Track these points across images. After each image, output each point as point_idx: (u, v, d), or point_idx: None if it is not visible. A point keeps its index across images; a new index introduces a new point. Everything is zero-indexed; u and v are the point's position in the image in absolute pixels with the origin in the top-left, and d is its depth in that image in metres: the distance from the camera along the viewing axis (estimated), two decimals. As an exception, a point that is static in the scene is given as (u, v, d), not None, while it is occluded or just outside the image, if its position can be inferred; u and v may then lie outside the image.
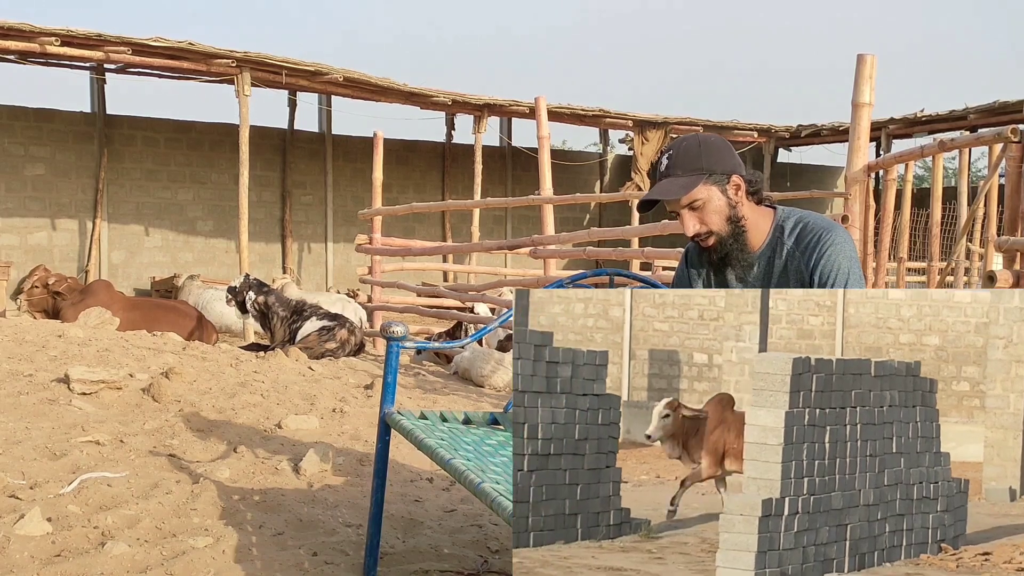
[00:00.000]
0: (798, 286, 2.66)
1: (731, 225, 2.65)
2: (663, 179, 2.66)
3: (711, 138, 2.72)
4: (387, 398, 3.00)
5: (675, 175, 2.63)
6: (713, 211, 2.63)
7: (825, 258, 2.61)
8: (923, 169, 24.69)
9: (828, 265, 2.60)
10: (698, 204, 2.63)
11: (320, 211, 18.79)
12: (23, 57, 13.88)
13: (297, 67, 14.53)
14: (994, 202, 5.57)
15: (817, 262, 2.61)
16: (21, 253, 15.79)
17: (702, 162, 2.62)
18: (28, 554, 2.90)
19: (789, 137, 20.37)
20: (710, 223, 2.64)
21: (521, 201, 10.96)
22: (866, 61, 5.56)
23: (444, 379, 7.58)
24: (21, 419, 4.35)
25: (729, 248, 2.66)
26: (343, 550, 3.15)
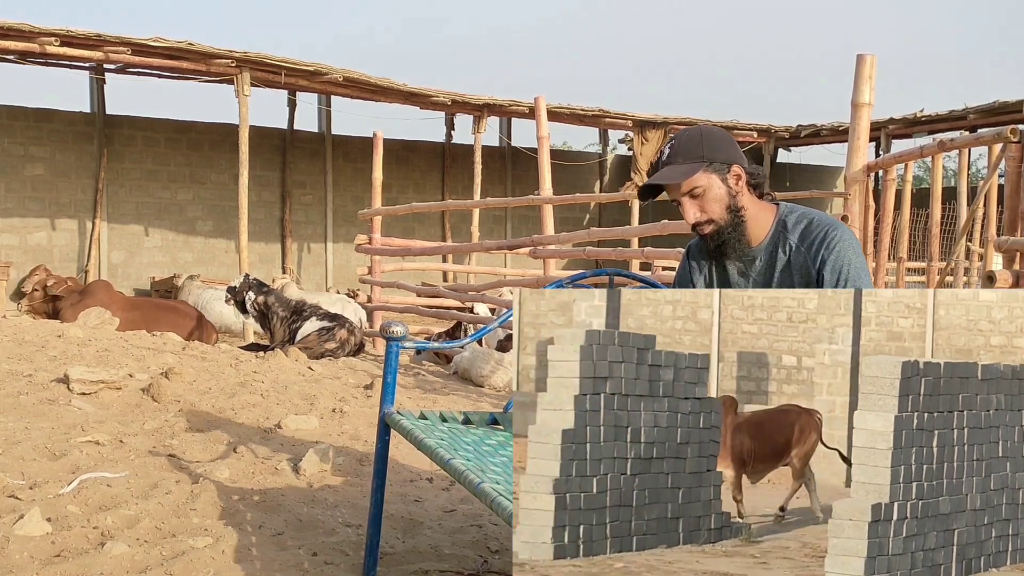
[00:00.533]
0: (802, 282, 2.66)
1: (731, 214, 2.65)
2: (664, 167, 2.67)
3: (712, 129, 2.75)
4: (387, 398, 3.00)
5: (676, 163, 2.65)
6: (713, 199, 2.64)
7: (834, 255, 2.61)
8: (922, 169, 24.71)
9: (839, 262, 2.61)
10: (698, 192, 2.64)
11: (320, 211, 18.79)
12: (23, 57, 13.88)
13: (297, 67, 14.53)
14: (994, 202, 5.57)
15: (826, 259, 2.61)
16: (21, 253, 15.79)
17: (703, 151, 2.64)
18: (28, 554, 2.90)
19: (789, 137, 20.37)
20: (710, 211, 2.65)
21: (521, 201, 10.97)
22: (866, 61, 5.56)
23: (444, 379, 7.58)
24: (21, 419, 4.35)
25: (727, 237, 2.67)
26: (343, 550, 3.15)
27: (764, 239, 2.71)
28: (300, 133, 18.64)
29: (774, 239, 2.70)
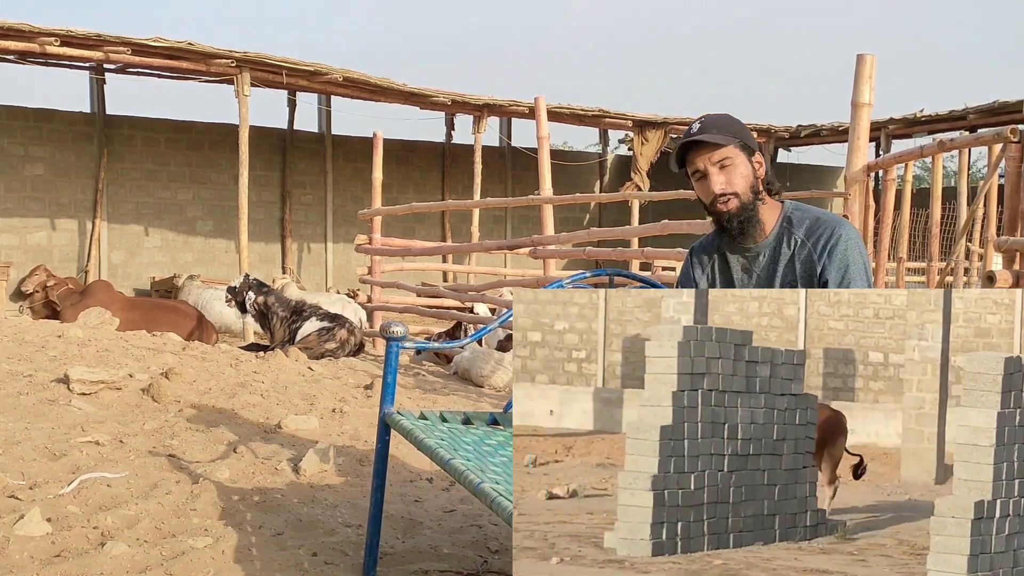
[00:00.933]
0: (805, 277, 2.67)
1: (752, 195, 2.67)
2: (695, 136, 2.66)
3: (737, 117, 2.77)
4: (387, 398, 3.00)
5: (710, 133, 2.65)
6: (740, 176, 2.65)
7: (840, 253, 2.63)
8: (922, 169, 24.71)
9: (844, 259, 2.63)
10: (728, 163, 2.65)
11: (320, 211, 18.79)
12: (23, 57, 13.88)
13: (297, 67, 14.52)
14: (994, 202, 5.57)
15: (831, 256, 2.64)
16: (21, 253, 15.79)
17: (734, 129, 2.67)
18: (28, 554, 2.90)
19: (789, 137, 20.37)
20: (736, 185, 2.65)
21: (521, 201, 10.96)
22: (866, 61, 5.56)
23: (444, 379, 7.58)
24: (21, 419, 4.35)
25: (748, 216, 2.67)
26: (343, 550, 3.16)
27: (770, 235, 2.72)
28: (300, 133, 18.63)
29: (779, 235, 2.71)
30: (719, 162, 2.64)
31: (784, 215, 2.73)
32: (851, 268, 2.63)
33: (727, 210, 2.66)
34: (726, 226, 2.70)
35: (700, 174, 2.67)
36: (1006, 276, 3.98)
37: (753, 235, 2.70)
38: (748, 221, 2.67)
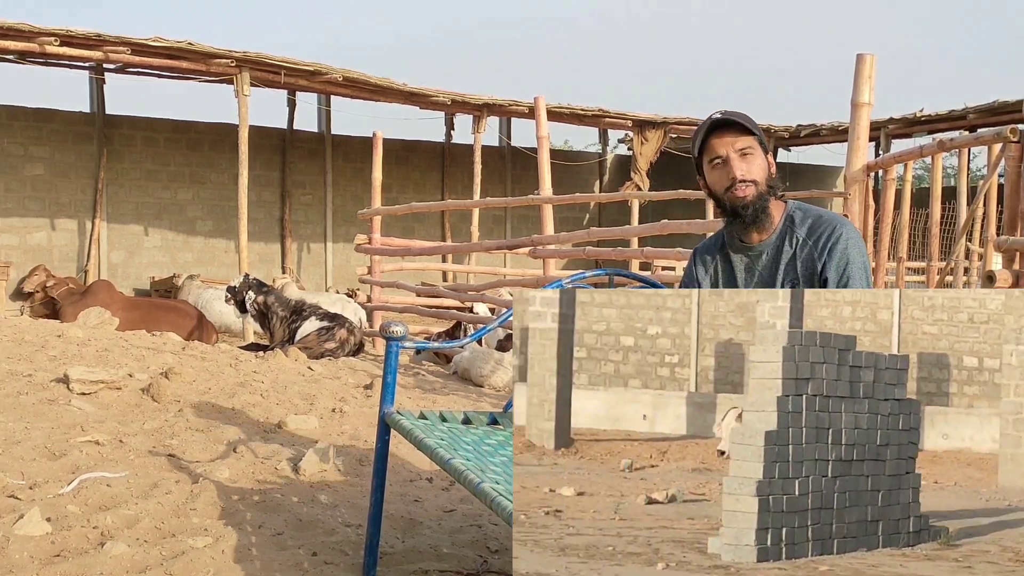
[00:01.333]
0: (806, 275, 2.69)
1: (767, 188, 2.71)
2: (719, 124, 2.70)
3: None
4: (387, 398, 3.00)
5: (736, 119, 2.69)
6: (759, 166, 2.70)
7: (839, 251, 2.66)
8: (922, 169, 24.71)
9: (843, 258, 2.66)
10: (749, 152, 2.69)
11: (320, 211, 18.79)
12: (22, 57, 13.88)
13: (296, 67, 14.52)
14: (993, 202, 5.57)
15: (831, 254, 2.66)
16: (20, 253, 15.79)
17: (752, 125, 2.72)
18: (28, 554, 2.90)
19: (789, 137, 20.37)
20: (755, 173, 2.69)
21: (521, 201, 10.96)
22: (865, 61, 5.56)
23: (444, 379, 7.58)
24: (21, 419, 4.35)
25: (761, 206, 2.70)
26: (343, 550, 3.15)
27: (773, 234, 2.75)
28: (300, 133, 18.63)
29: (782, 234, 2.74)
30: (741, 149, 2.68)
31: (787, 214, 2.76)
32: (850, 266, 2.66)
33: (744, 196, 2.68)
34: (740, 213, 2.71)
35: (720, 160, 2.70)
36: (1006, 276, 3.99)
37: (763, 227, 2.73)
38: (762, 211, 2.70)
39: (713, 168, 2.71)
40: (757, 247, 2.75)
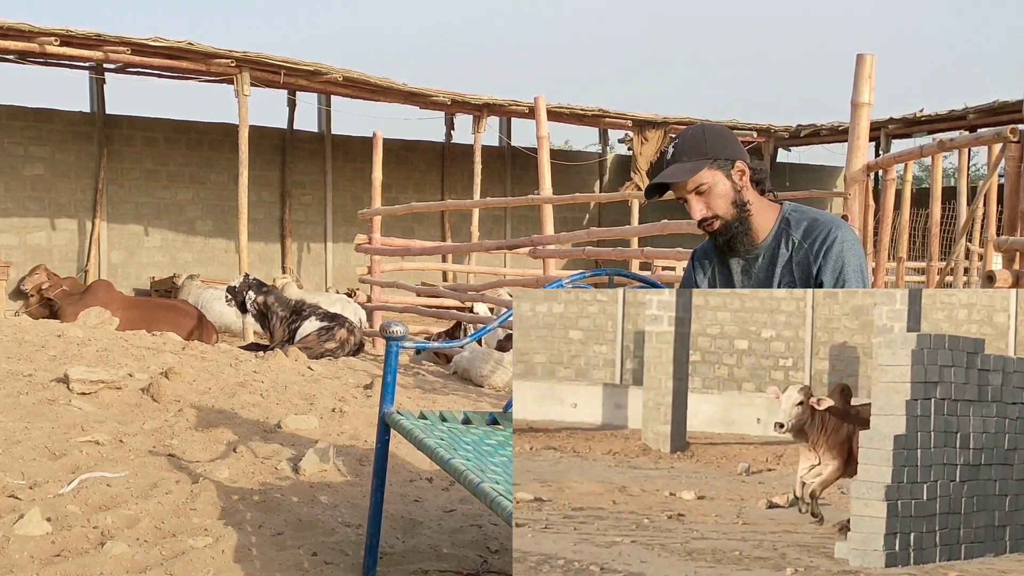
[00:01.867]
0: (802, 278, 2.69)
1: (736, 209, 2.69)
2: (669, 166, 2.70)
3: (715, 126, 2.78)
4: (386, 398, 3.00)
5: (681, 161, 2.68)
6: (718, 195, 2.67)
7: (835, 254, 2.65)
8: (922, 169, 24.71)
9: (839, 260, 2.65)
10: (704, 188, 2.67)
11: (319, 211, 18.79)
12: (22, 57, 13.88)
13: (296, 67, 14.53)
14: (993, 202, 5.57)
15: (827, 257, 2.65)
16: (20, 253, 15.79)
17: (707, 148, 2.67)
18: (28, 554, 2.90)
19: (788, 137, 20.37)
20: (716, 207, 2.68)
21: (521, 201, 10.96)
22: (866, 61, 5.56)
23: (443, 379, 7.58)
24: (21, 419, 4.35)
25: (735, 231, 2.69)
26: (342, 550, 3.15)
27: (768, 237, 2.74)
28: (300, 133, 18.63)
29: (777, 236, 2.73)
30: (694, 189, 2.67)
31: (782, 216, 2.74)
32: (846, 269, 2.65)
33: (712, 230, 2.71)
34: (717, 241, 2.75)
35: (682, 200, 2.72)
36: (1006, 276, 3.99)
37: (745, 243, 2.72)
38: (735, 236, 2.70)
39: (683, 204, 2.73)
40: (753, 250, 2.75)
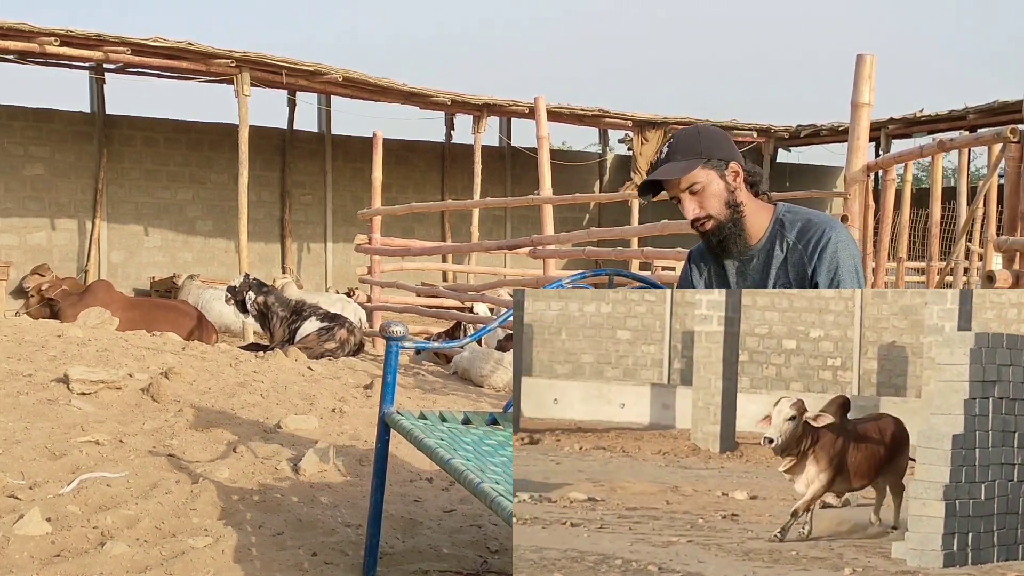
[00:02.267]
0: (797, 279, 2.69)
1: (729, 210, 2.69)
2: (663, 165, 2.71)
3: (710, 128, 2.79)
4: (386, 398, 3.00)
5: (675, 160, 2.68)
6: (712, 195, 2.67)
7: (829, 255, 2.65)
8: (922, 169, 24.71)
9: (833, 261, 2.65)
10: (697, 188, 2.67)
11: (319, 211, 18.79)
12: (22, 57, 13.88)
13: (296, 67, 14.53)
14: (993, 202, 5.58)
15: (821, 258, 2.65)
16: (20, 253, 15.79)
17: (701, 148, 2.68)
18: (27, 554, 2.90)
19: (788, 137, 20.38)
20: (709, 207, 2.68)
21: (520, 201, 10.97)
22: (865, 61, 5.56)
23: (443, 379, 7.58)
24: (21, 419, 4.35)
25: (728, 232, 2.69)
26: (342, 550, 3.16)
27: (762, 238, 2.74)
28: (300, 133, 18.64)
29: (772, 237, 2.73)
30: (688, 188, 2.67)
31: (776, 218, 2.74)
32: (840, 269, 2.65)
33: (704, 230, 2.71)
34: (709, 242, 2.75)
35: (676, 199, 2.72)
36: (1006, 276, 3.99)
37: (738, 245, 2.72)
38: (728, 237, 2.70)
39: (677, 204, 2.73)
40: (748, 252, 2.75)
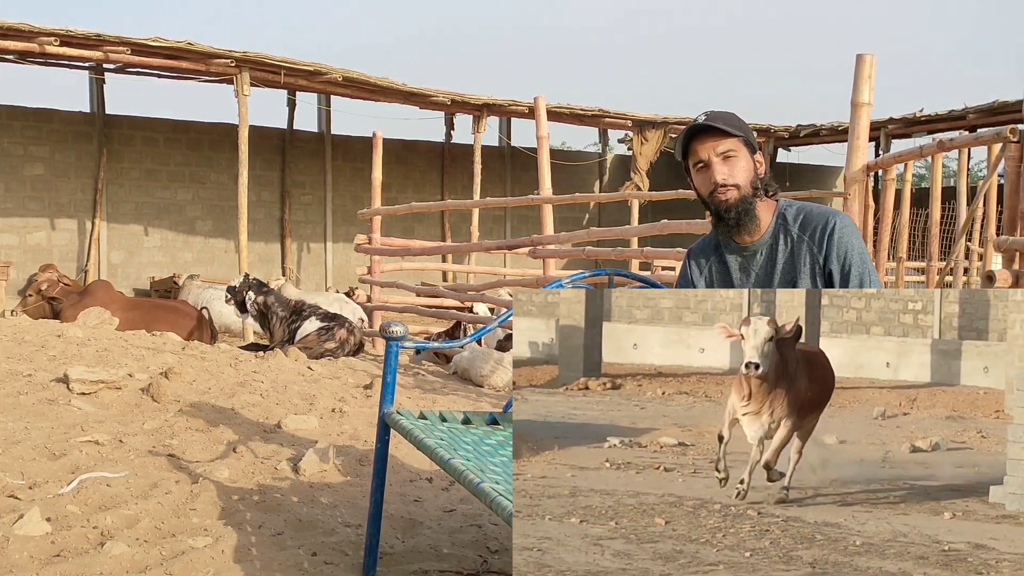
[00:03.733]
0: (811, 272, 2.69)
1: (752, 189, 2.69)
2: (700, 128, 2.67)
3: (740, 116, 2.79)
4: (386, 398, 3.00)
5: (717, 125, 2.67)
6: (742, 168, 2.68)
7: (837, 239, 2.66)
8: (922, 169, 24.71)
9: (843, 245, 2.66)
10: (731, 155, 2.67)
11: (319, 211, 18.79)
12: (22, 57, 13.87)
13: (296, 67, 14.52)
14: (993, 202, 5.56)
15: (830, 246, 2.66)
16: (20, 253, 15.79)
17: (739, 124, 2.69)
18: (27, 554, 2.90)
19: (788, 137, 20.37)
20: (738, 176, 2.68)
21: (520, 201, 10.96)
22: (865, 61, 5.55)
23: (443, 379, 7.57)
24: (20, 419, 4.35)
25: (746, 208, 2.69)
26: (342, 550, 3.15)
27: (765, 233, 2.74)
28: (300, 133, 18.63)
29: (775, 232, 2.74)
30: (723, 153, 2.66)
31: (778, 212, 2.76)
32: (851, 252, 2.66)
33: (726, 199, 2.68)
34: (723, 216, 2.71)
35: (703, 164, 2.69)
36: (1006, 276, 3.99)
37: (749, 229, 2.72)
38: (745, 213, 2.69)
39: (697, 172, 2.71)
40: (751, 247, 2.75)
